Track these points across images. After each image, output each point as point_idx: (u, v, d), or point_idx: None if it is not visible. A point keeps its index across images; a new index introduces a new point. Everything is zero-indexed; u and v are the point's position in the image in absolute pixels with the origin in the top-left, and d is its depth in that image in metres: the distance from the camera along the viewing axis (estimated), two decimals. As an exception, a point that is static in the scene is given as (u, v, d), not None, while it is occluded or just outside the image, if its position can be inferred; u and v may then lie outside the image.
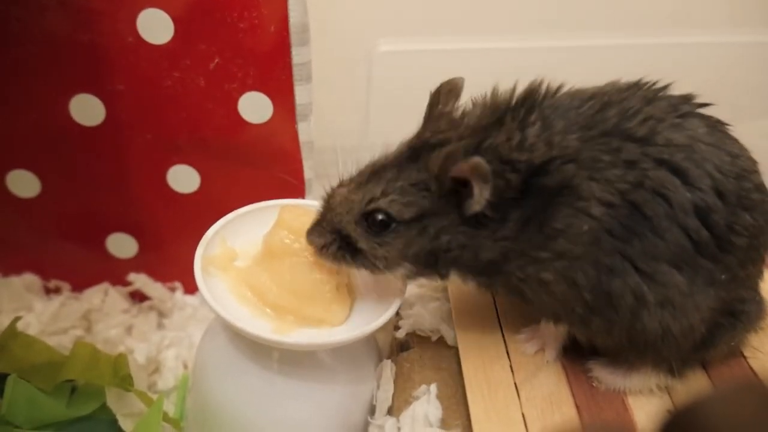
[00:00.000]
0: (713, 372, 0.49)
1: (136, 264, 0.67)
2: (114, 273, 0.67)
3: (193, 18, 0.53)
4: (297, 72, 0.56)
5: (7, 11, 0.52)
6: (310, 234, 0.45)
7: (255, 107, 0.57)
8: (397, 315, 0.54)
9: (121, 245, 0.66)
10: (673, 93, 0.44)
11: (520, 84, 0.43)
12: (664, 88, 0.44)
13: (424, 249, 0.43)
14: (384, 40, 0.70)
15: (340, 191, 0.45)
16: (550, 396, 0.47)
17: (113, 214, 0.64)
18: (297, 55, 0.55)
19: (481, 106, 0.43)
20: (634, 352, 0.45)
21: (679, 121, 0.42)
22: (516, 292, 0.44)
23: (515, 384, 0.47)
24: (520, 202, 0.41)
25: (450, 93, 0.45)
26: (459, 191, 0.41)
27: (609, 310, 0.42)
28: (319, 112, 0.60)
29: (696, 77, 0.44)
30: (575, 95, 0.43)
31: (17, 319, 0.54)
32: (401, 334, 0.54)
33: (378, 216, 0.43)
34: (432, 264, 0.44)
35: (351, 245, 0.44)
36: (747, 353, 0.50)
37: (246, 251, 0.51)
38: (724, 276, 0.42)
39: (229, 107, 0.57)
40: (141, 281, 0.67)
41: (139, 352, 0.62)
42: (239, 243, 0.51)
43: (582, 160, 0.40)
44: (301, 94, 0.57)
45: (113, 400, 0.53)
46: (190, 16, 0.53)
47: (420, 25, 0.71)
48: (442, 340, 0.53)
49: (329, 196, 0.45)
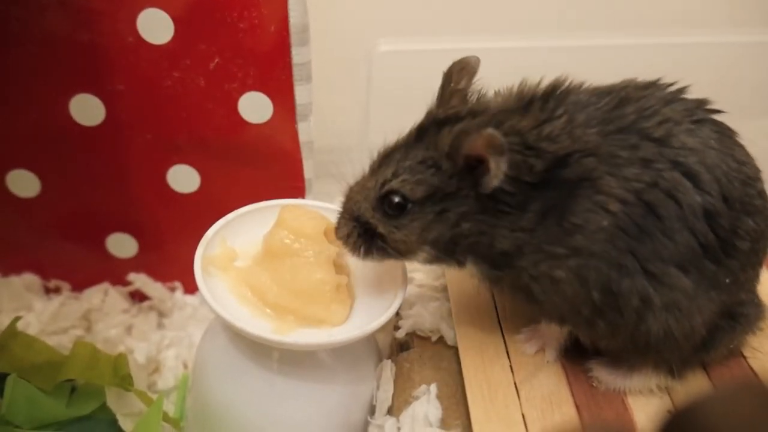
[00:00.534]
0: (713, 372, 0.49)
1: (136, 264, 0.67)
2: (114, 273, 0.67)
3: (193, 18, 0.53)
4: (297, 72, 0.56)
5: (7, 11, 0.52)
6: (336, 227, 0.46)
7: (255, 107, 0.57)
8: (397, 315, 0.54)
9: (121, 245, 0.66)
10: (689, 97, 0.44)
11: (526, 82, 0.44)
12: (681, 90, 0.44)
13: (443, 235, 0.43)
14: (384, 40, 0.70)
15: (358, 181, 0.46)
16: (550, 396, 0.47)
17: (113, 213, 0.64)
18: (297, 55, 0.55)
19: (505, 95, 0.44)
20: (635, 353, 0.45)
21: (694, 127, 0.42)
22: (524, 291, 0.44)
23: (515, 384, 0.47)
24: (540, 193, 0.41)
25: (462, 71, 0.45)
26: (474, 169, 0.41)
27: (615, 312, 0.42)
28: (319, 112, 0.60)
29: (696, 77, 0.44)
30: (593, 91, 0.43)
31: (17, 319, 0.54)
32: (401, 334, 0.54)
33: (394, 198, 0.43)
34: (451, 250, 0.44)
35: (371, 232, 0.44)
36: (746, 353, 0.50)
37: (246, 251, 0.51)
38: (728, 279, 0.43)
39: (229, 107, 0.57)
40: (141, 281, 0.67)
41: (139, 351, 0.62)
42: (239, 243, 0.51)
43: (601, 154, 0.40)
44: (301, 94, 0.57)
45: (113, 399, 0.53)
46: (190, 16, 0.53)
47: (420, 25, 0.71)
48: (441, 340, 0.53)
49: (349, 188, 0.46)
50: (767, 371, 0.49)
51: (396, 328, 0.55)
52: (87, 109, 0.57)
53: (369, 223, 0.44)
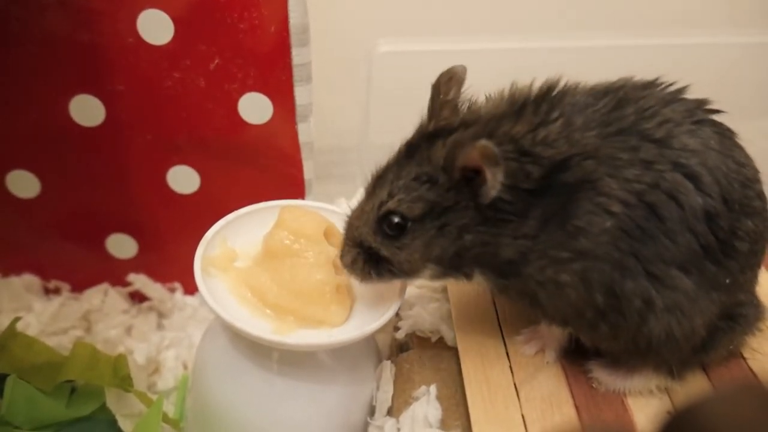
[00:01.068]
0: (713, 373, 0.49)
1: (135, 264, 0.67)
2: (114, 273, 0.67)
3: (194, 18, 0.53)
4: (297, 72, 0.56)
5: (7, 11, 0.52)
6: (341, 256, 0.45)
7: (255, 108, 0.57)
8: (397, 316, 0.54)
9: (121, 246, 0.66)
10: (689, 97, 0.44)
11: (537, 80, 0.43)
12: (681, 90, 0.44)
13: (446, 250, 0.42)
14: (384, 40, 0.70)
15: (357, 206, 0.45)
16: (549, 397, 0.47)
17: (113, 214, 0.64)
18: (297, 56, 0.55)
19: (495, 100, 0.43)
20: (636, 354, 0.45)
21: (694, 127, 0.42)
22: (529, 297, 0.44)
23: (515, 385, 0.47)
24: (540, 198, 0.40)
25: (451, 81, 0.44)
26: (472, 181, 0.40)
27: (617, 314, 0.42)
28: (319, 112, 0.60)
29: (696, 77, 0.44)
30: (590, 92, 0.43)
31: (17, 320, 0.54)
32: (401, 334, 0.54)
33: (393, 219, 0.42)
34: (456, 264, 0.43)
35: (375, 256, 0.44)
36: (746, 354, 0.50)
37: (246, 252, 0.51)
38: (728, 280, 0.43)
39: (229, 108, 0.57)
40: (141, 282, 0.67)
41: (139, 352, 0.62)
42: (239, 243, 0.51)
43: (601, 157, 0.40)
44: (301, 94, 0.57)
45: (113, 400, 0.53)
46: (190, 16, 0.53)
47: (420, 26, 0.71)
48: (441, 340, 0.53)
49: (349, 214, 0.46)
50: (767, 372, 0.49)
51: (396, 328, 0.55)
52: (87, 110, 0.57)
53: (372, 248, 0.44)
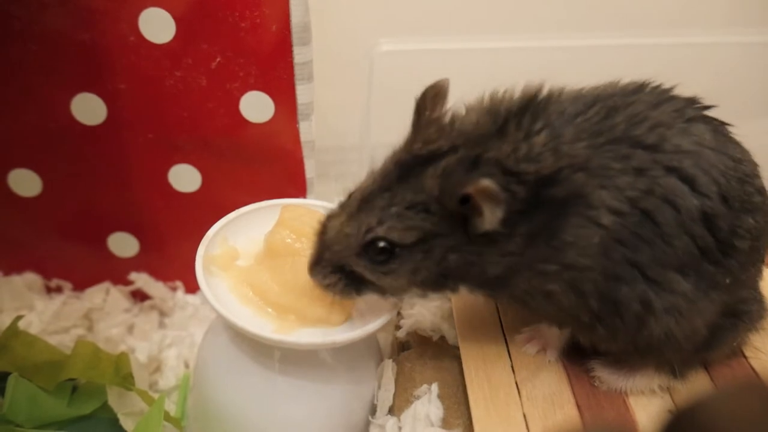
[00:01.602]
0: (715, 372, 0.49)
1: (137, 263, 0.67)
2: (115, 272, 0.67)
3: (195, 17, 0.53)
4: (298, 71, 0.56)
5: (9, 10, 0.52)
6: (312, 273, 0.43)
7: (256, 106, 0.57)
8: (399, 315, 0.54)
9: (123, 244, 0.66)
10: (678, 95, 0.43)
11: (518, 86, 0.42)
12: (668, 90, 0.43)
13: (432, 272, 0.41)
14: (384, 40, 0.70)
15: (332, 224, 0.43)
16: (551, 396, 0.47)
17: (114, 213, 0.64)
18: (298, 55, 0.55)
19: (477, 111, 0.42)
20: (636, 354, 0.45)
21: (686, 126, 0.41)
22: (521, 302, 0.43)
23: (516, 383, 0.47)
24: (527, 215, 0.39)
25: (436, 97, 0.42)
26: (463, 206, 0.39)
27: (615, 317, 0.42)
28: (320, 111, 0.60)
29: (696, 77, 0.44)
30: (577, 99, 0.42)
31: (19, 318, 0.54)
32: (402, 333, 0.54)
33: (380, 244, 0.41)
34: (441, 284, 0.42)
35: (357, 278, 0.43)
36: (748, 353, 0.50)
37: (247, 250, 0.51)
38: (728, 279, 0.42)
39: (231, 106, 0.57)
40: (142, 280, 0.68)
41: (141, 351, 0.62)
42: (241, 242, 0.51)
43: (591, 168, 0.39)
44: (303, 93, 0.57)
45: (114, 399, 0.53)
46: (191, 15, 0.53)
47: (420, 25, 0.71)
48: (443, 339, 0.53)
49: (322, 231, 0.44)
50: (768, 371, 0.49)
51: (397, 327, 0.55)
52: (88, 109, 0.57)
53: (354, 272, 0.43)
